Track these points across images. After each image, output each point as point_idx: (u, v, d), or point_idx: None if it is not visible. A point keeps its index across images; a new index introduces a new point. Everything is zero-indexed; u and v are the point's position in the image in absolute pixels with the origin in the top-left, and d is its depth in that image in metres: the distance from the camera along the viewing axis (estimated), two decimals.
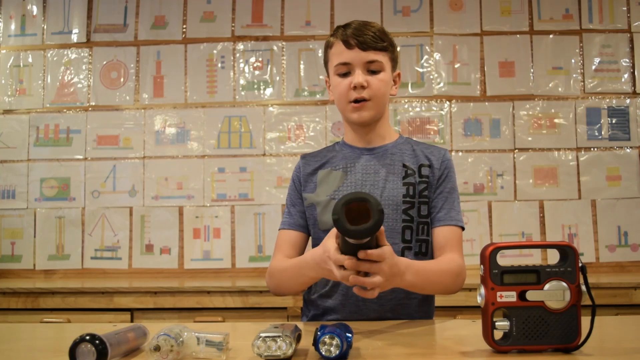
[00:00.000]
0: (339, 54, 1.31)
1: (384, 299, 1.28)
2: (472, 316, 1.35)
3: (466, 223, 2.68)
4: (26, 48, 2.86)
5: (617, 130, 2.72)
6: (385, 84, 1.31)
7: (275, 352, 0.86)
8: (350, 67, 1.29)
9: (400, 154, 1.36)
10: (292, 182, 1.43)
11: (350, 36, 1.28)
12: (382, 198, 1.30)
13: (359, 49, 1.28)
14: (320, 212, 1.35)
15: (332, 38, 1.34)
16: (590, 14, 2.77)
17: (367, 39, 1.28)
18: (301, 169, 1.42)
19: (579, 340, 0.89)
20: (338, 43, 1.31)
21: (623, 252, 2.66)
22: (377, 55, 1.29)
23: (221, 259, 2.72)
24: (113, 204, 2.76)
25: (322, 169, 1.39)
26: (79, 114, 2.81)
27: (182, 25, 2.83)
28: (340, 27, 1.33)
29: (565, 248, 0.90)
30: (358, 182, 1.33)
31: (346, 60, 1.29)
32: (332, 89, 1.36)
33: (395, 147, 1.38)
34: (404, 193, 1.31)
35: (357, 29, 1.29)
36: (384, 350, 0.94)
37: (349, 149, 1.40)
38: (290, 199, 1.42)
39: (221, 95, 2.80)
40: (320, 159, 1.42)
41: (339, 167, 1.37)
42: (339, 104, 1.34)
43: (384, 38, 1.31)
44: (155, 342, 0.85)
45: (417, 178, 1.33)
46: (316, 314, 1.36)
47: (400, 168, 1.34)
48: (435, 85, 2.77)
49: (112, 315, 2.22)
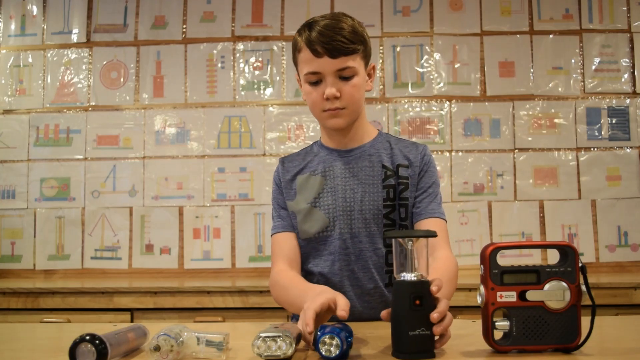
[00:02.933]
0: (308, 62, 1.23)
1: (385, 301, 1.28)
2: (472, 316, 1.35)
3: (466, 223, 2.70)
4: (26, 48, 2.86)
5: (617, 130, 2.72)
6: (358, 88, 1.25)
7: (275, 352, 0.86)
8: (321, 75, 1.23)
9: (377, 154, 1.33)
10: (275, 184, 1.39)
11: (317, 43, 1.20)
12: (362, 203, 1.28)
13: (328, 56, 1.20)
14: (300, 220, 1.32)
15: (299, 39, 1.25)
16: (590, 14, 2.77)
17: (335, 46, 1.19)
18: (281, 174, 1.38)
19: (579, 340, 0.89)
20: (305, 49, 1.23)
21: (623, 252, 2.66)
22: (348, 60, 1.21)
23: (221, 259, 2.72)
24: (113, 204, 2.76)
25: (301, 174, 1.35)
26: (79, 114, 2.81)
27: (182, 25, 2.84)
28: (306, 27, 1.24)
29: (565, 248, 0.90)
30: (338, 189, 1.31)
31: (315, 69, 1.22)
32: (304, 95, 1.30)
33: (372, 147, 1.34)
34: (384, 197, 1.29)
35: (323, 33, 1.20)
36: (384, 351, 0.94)
37: (326, 151, 1.36)
38: (277, 202, 1.38)
39: (221, 95, 2.80)
40: (298, 162, 1.38)
41: (318, 172, 1.34)
42: (313, 111, 1.30)
43: (354, 39, 1.22)
44: (155, 342, 0.85)
45: (396, 179, 1.30)
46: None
47: (379, 170, 1.31)
48: (435, 85, 2.77)
49: (112, 315, 2.22)
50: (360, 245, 1.29)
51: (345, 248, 1.29)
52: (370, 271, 1.29)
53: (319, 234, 1.31)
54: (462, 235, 2.69)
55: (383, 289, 1.29)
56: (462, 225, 2.69)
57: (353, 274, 1.29)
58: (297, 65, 1.30)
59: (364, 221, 1.28)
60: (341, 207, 1.29)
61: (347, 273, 1.29)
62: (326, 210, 1.30)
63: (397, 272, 0.91)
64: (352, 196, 1.29)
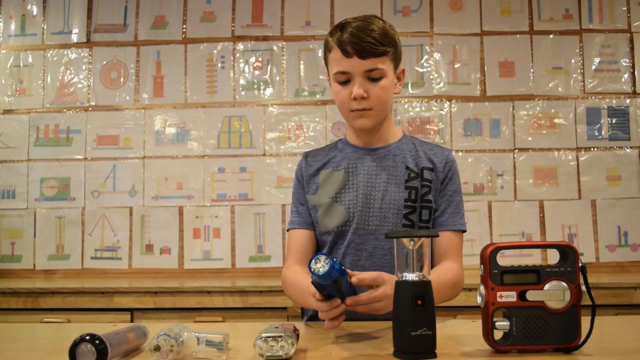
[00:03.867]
0: (338, 61, 1.26)
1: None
2: (472, 316, 1.35)
3: (466, 223, 2.69)
4: (26, 48, 2.86)
5: (617, 130, 2.72)
6: (386, 90, 1.27)
7: (277, 352, 0.86)
8: (350, 75, 1.26)
9: (402, 155, 1.35)
10: (297, 180, 1.42)
11: (348, 43, 1.22)
12: (383, 202, 1.30)
13: (358, 57, 1.23)
14: (321, 214, 1.34)
15: (331, 40, 1.28)
16: (590, 14, 2.77)
17: (365, 47, 1.22)
18: (304, 168, 1.40)
19: (579, 340, 0.89)
20: (336, 49, 1.26)
21: (623, 252, 2.66)
22: (377, 62, 1.24)
23: (221, 259, 2.72)
24: (113, 204, 2.76)
25: (324, 169, 1.38)
26: (79, 114, 2.81)
27: (182, 25, 2.83)
28: (338, 28, 1.27)
29: (565, 248, 0.90)
30: (360, 185, 1.33)
31: (345, 69, 1.25)
32: (333, 94, 1.34)
33: (397, 147, 1.36)
34: (406, 197, 1.30)
35: (354, 34, 1.22)
36: (385, 350, 0.94)
37: (351, 148, 1.39)
38: (297, 197, 1.40)
39: (221, 95, 2.80)
40: (322, 157, 1.41)
41: (341, 168, 1.36)
42: (341, 110, 1.33)
43: (384, 41, 1.24)
44: (155, 342, 0.85)
45: (419, 182, 1.32)
46: (316, 313, 1.36)
47: (402, 170, 1.33)
48: (435, 85, 2.77)
49: (112, 315, 2.22)
50: (375, 243, 1.30)
51: (359, 243, 1.31)
52: (382, 269, 1.29)
53: (338, 228, 1.32)
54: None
55: None
56: None
57: (363, 270, 1.29)
58: (327, 64, 1.33)
59: (382, 219, 1.30)
60: (361, 203, 1.31)
61: (357, 269, 1.29)
62: (347, 206, 1.32)
63: (399, 272, 0.92)
64: (374, 194, 1.31)
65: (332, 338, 1.08)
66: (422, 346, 0.87)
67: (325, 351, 0.96)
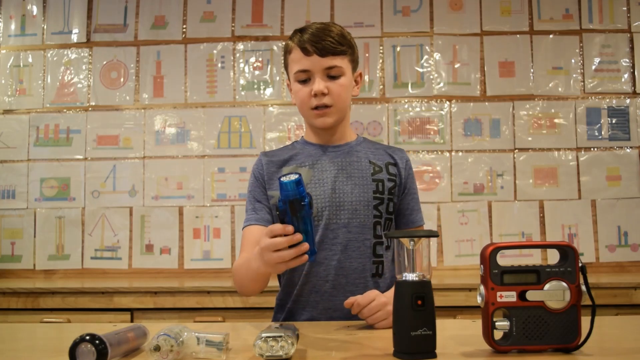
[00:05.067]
0: (298, 60, 1.31)
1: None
2: (472, 316, 1.35)
3: (466, 223, 2.70)
4: (26, 48, 2.86)
5: (617, 130, 2.72)
6: (345, 88, 1.32)
7: (277, 352, 0.86)
8: (310, 73, 1.30)
9: (364, 151, 1.40)
10: (254, 178, 1.39)
11: (308, 42, 1.28)
12: (353, 195, 1.32)
13: (318, 55, 1.28)
14: None
15: (291, 43, 1.33)
16: (590, 14, 2.77)
17: (325, 45, 1.28)
18: (264, 166, 1.38)
19: (579, 340, 0.89)
20: (296, 49, 1.31)
21: (623, 252, 2.66)
22: (336, 60, 1.30)
23: (221, 259, 2.72)
24: (113, 204, 2.76)
25: (287, 166, 1.38)
26: (79, 114, 2.81)
27: (182, 25, 2.83)
28: (298, 32, 1.33)
29: (565, 248, 0.90)
30: (326, 180, 1.34)
31: (305, 67, 1.30)
32: (293, 94, 1.37)
33: (358, 145, 1.41)
34: (374, 189, 1.34)
35: (314, 34, 1.29)
36: (385, 350, 0.94)
37: (312, 146, 1.40)
38: (253, 195, 1.38)
39: (221, 95, 2.80)
40: (283, 155, 1.40)
41: (305, 164, 1.37)
42: (301, 110, 1.36)
43: (342, 42, 1.30)
44: (155, 342, 0.85)
45: (385, 175, 1.36)
46: (288, 315, 1.36)
47: (367, 164, 1.37)
48: (435, 85, 2.77)
49: (112, 315, 2.22)
50: (349, 236, 1.32)
51: (333, 238, 1.31)
52: (357, 261, 1.32)
53: None
54: (462, 235, 2.69)
55: (369, 279, 1.32)
56: (462, 225, 2.69)
57: (339, 264, 1.31)
58: (288, 67, 1.37)
59: (353, 212, 1.32)
60: (329, 198, 1.32)
61: (333, 263, 1.31)
62: (314, 201, 1.32)
63: (399, 273, 0.92)
64: (342, 188, 1.33)
65: (332, 338, 1.08)
66: (422, 346, 0.87)
67: (325, 351, 0.96)
